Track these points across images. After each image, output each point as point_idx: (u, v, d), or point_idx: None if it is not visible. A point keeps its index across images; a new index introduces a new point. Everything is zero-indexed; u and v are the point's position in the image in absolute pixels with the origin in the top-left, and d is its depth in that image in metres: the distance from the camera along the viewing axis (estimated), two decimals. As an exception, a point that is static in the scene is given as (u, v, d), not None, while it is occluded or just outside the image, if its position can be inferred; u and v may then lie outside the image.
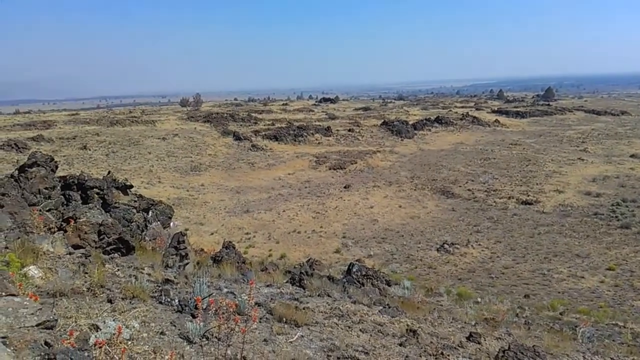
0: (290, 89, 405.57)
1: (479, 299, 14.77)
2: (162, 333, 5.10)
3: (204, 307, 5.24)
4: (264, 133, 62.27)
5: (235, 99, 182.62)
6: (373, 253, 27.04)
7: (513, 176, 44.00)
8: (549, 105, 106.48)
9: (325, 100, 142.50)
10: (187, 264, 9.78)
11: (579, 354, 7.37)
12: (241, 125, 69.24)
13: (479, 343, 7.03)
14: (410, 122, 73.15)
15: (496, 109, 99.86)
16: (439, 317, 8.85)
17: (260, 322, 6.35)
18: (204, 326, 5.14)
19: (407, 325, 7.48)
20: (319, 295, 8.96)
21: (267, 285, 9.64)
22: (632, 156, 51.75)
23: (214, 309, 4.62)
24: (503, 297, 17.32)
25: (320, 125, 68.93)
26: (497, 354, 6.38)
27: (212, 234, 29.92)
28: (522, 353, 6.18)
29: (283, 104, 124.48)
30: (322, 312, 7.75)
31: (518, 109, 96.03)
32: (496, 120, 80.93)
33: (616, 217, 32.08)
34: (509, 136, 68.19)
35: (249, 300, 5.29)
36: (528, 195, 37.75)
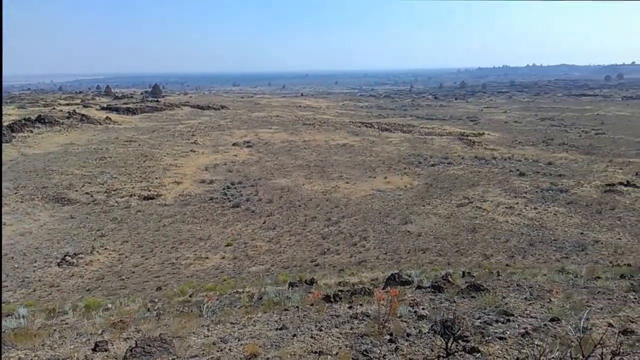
0: None
1: (110, 305, 14.08)
2: None
3: None
4: None
5: None
6: (-28, 287, 21.85)
7: (132, 173, 44.07)
8: (158, 101, 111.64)
9: None
10: None
11: (203, 328, 8.05)
12: None
13: (106, 350, 6.70)
14: (6, 124, 62.40)
15: (105, 105, 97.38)
16: (60, 337, 7.97)
17: None
18: None
19: (19, 359, 6.38)
20: None
21: None
22: (234, 145, 60.72)
23: None
24: (135, 296, 17.19)
25: None
26: (124, 354, 6.23)
27: None
28: (150, 345, 6.25)
29: None
30: None
31: (128, 106, 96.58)
32: (107, 118, 78.93)
33: (228, 198, 37.13)
34: (123, 133, 67.76)
35: None
36: (149, 191, 38.71)
